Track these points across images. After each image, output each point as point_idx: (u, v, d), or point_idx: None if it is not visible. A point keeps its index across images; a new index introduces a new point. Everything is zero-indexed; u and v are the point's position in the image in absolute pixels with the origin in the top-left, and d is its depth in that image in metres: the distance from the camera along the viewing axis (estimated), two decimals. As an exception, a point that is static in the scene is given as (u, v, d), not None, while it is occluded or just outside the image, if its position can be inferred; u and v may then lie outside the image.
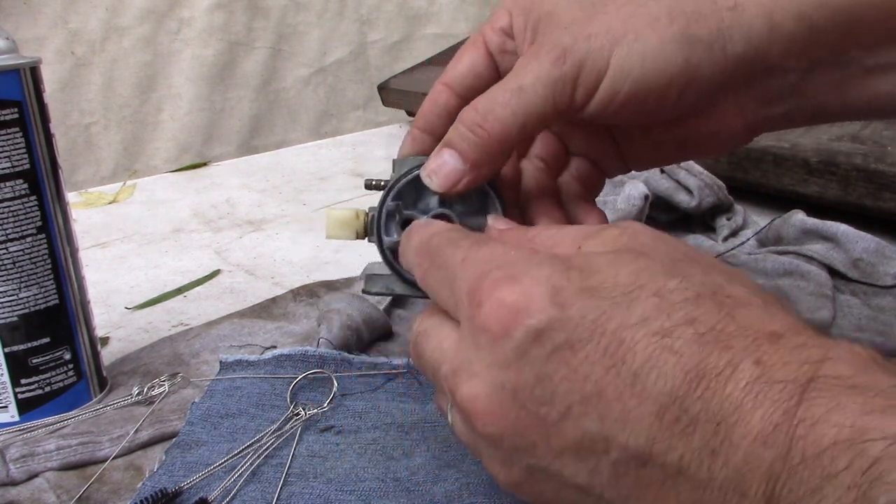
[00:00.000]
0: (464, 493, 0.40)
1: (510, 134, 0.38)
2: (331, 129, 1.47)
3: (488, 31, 0.43)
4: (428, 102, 0.44)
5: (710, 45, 0.36)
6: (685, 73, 0.37)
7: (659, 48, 0.36)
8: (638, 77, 0.37)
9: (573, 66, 0.37)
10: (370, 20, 1.50)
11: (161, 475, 0.43)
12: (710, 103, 0.39)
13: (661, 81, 0.37)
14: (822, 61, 0.38)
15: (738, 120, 0.40)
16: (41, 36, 1.18)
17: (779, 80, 0.38)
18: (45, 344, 0.49)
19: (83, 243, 0.58)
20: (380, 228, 0.42)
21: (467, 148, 0.38)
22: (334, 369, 0.51)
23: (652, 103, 0.38)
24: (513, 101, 0.37)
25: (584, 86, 0.37)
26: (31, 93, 0.47)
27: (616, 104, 0.38)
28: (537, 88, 0.37)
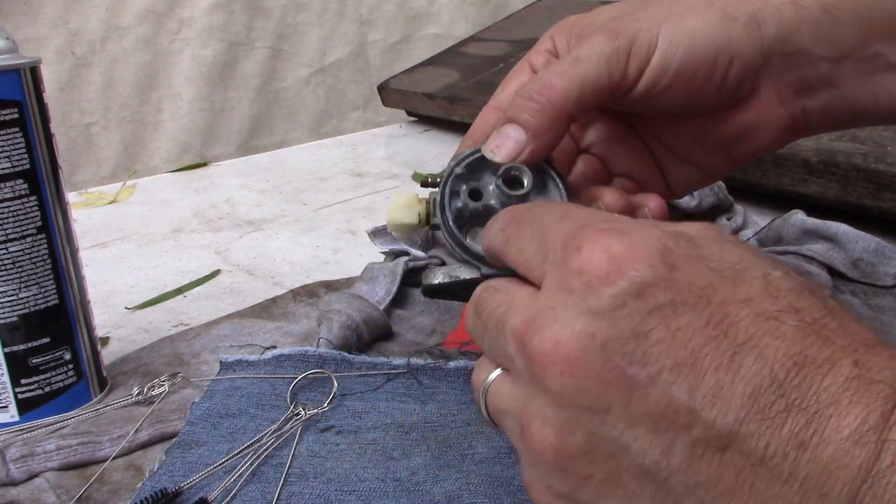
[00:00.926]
0: (464, 493, 0.40)
1: (569, 100, 0.39)
2: (331, 129, 1.47)
3: (533, 55, 0.45)
4: (477, 123, 0.45)
5: (748, 25, 0.39)
6: (728, 49, 0.39)
7: (703, 26, 0.39)
8: (687, 49, 0.39)
9: (626, 41, 0.39)
10: (370, 20, 1.50)
11: (161, 475, 0.43)
12: (750, 88, 0.41)
13: (708, 55, 0.39)
14: (848, 53, 0.40)
15: (779, 110, 0.41)
16: (41, 36, 1.18)
17: (812, 68, 0.40)
18: (45, 344, 0.49)
19: (83, 243, 0.58)
20: (444, 207, 0.40)
21: (527, 118, 0.39)
22: (334, 369, 0.51)
23: (700, 79, 0.39)
24: (570, 70, 0.39)
25: (637, 58, 0.39)
26: (31, 93, 0.47)
27: (667, 78, 0.39)
28: (592, 58, 0.39)
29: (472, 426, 0.46)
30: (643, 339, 0.25)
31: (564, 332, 0.26)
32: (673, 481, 0.25)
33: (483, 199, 0.40)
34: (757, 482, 0.24)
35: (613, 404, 0.26)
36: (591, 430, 0.26)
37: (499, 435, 0.45)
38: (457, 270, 0.41)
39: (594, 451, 0.26)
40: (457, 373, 0.51)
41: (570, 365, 0.26)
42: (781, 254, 0.64)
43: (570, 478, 0.27)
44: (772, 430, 0.24)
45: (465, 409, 0.48)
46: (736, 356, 0.24)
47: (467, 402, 0.48)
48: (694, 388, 0.25)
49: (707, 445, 0.24)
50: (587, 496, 0.27)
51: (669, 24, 0.39)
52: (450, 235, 0.40)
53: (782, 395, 0.24)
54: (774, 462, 0.24)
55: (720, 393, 0.24)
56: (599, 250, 0.27)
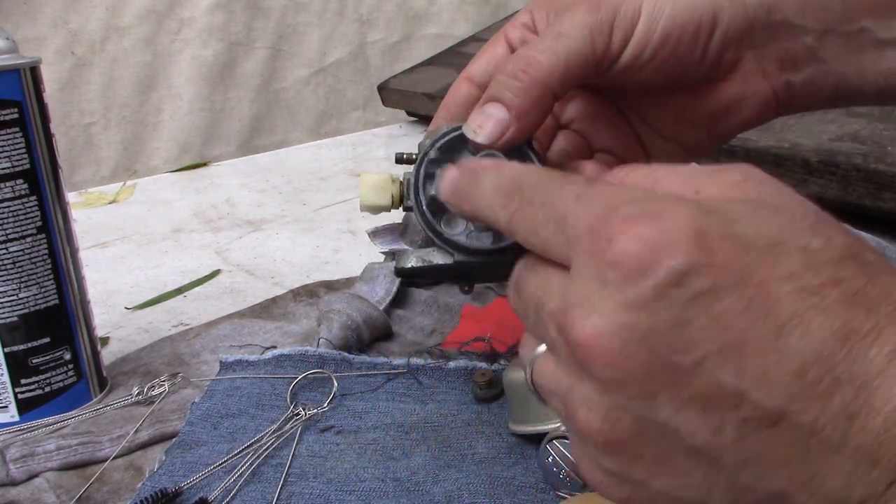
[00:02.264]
0: (464, 493, 0.40)
1: (553, 77, 0.38)
2: (331, 129, 1.47)
3: (510, 28, 0.44)
4: (450, 95, 0.44)
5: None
6: (711, 15, 0.39)
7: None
8: (669, 16, 0.39)
9: (608, 12, 0.39)
10: (370, 20, 1.50)
11: (161, 475, 0.43)
12: (733, 60, 0.41)
13: (691, 21, 0.39)
14: (834, 27, 0.39)
15: (762, 83, 0.41)
16: (41, 36, 1.18)
17: (797, 41, 0.40)
18: (45, 344, 0.49)
19: (83, 243, 0.58)
20: (417, 190, 0.39)
21: (511, 96, 0.38)
22: (334, 369, 0.51)
23: (685, 47, 0.39)
24: (553, 45, 0.38)
25: (621, 28, 0.39)
26: (31, 93, 0.47)
27: (651, 48, 0.39)
28: (575, 32, 0.38)
29: (472, 426, 0.46)
30: (686, 327, 0.25)
31: (604, 323, 0.26)
32: (725, 458, 0.25)
33: None
34: (808, 454, 0.24)
35: (660, 391, 0.26)
36: (638, 415, 0.26)
37: (499, 435, 0.45)
38: (430, 255, 0.40)
39: (643, 435, 0.26)
40: (457, 373, 0.51)
41: (614, 356, 0.26)
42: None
43: (621, 458, 0.27)
44: (821, 405, 0.24)
45: (465, 409, 0.48)
46: (781, 335, 0.24)
47: (467, 402, 0.48)
48: (740, 370, 0.24)
49: (757, 423, 0.24)
50: (638, 475, 0.27)
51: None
52: (423, 221, 0.39)
53: (829, 369, 0.24)
54: (825, 434, 0.24)
55: (766, 373, 0.24)
56: (632, 241, 0.26)
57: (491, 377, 0.48)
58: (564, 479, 0.39)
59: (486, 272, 0.41)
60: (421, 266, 0.40)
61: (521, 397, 0.43)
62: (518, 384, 0.43)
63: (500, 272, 0.41)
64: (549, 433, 0.40)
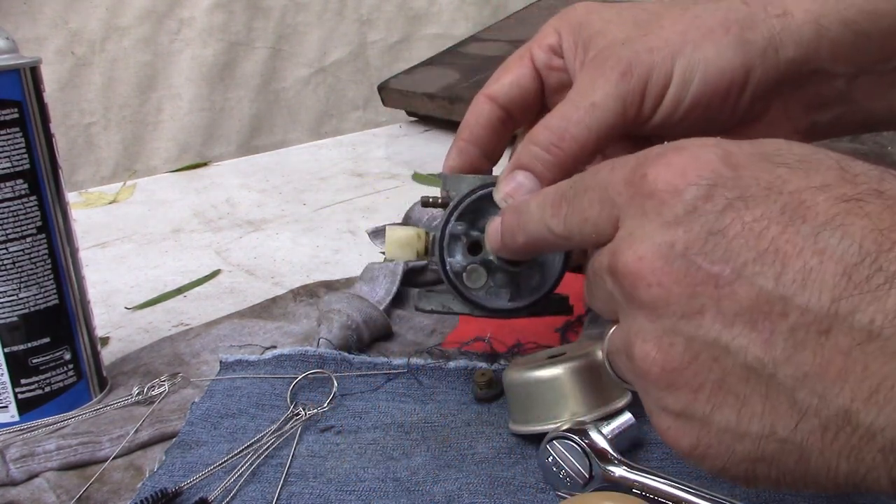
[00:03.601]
0: (464, 493, 0.40)
1: (585, 150, 0.38)
2: (331, 129, 1.47)
3: (535, 48, 0.44)
4: (471, 114, 0.44)
5: (764, 50, 0.38)
6: (743, 76, 0.38)
7: (717, 55, 0.38)
8: (700, 82, 0.38)
9: (640, 79, 0.38)
10: (370, 20, 1.50)
11: (161, 475, 0.43)
12: (761, 109, 0.40)
13: (722, 85, 0.38)
14: (868, 67, 0.39)
15: (786, 126, 0.41)
16: (41, 36, 1.18)
17: (828, 85, 0.39)
18: (45, 344, 0.49)
19: (83, 243, 0.58)
20: (442, 250, 0.41)
21: (543, 169, 0.39)
22: (334, 369, 0.51)
23: (715, 108, 0.39)
24: (587, 118, 0.38)
25: (652, 96, 0.38)
26: (31, 93, 0.47)
27: (682, 111, 0.39)
28: (608, 103, 0.38)
29: (472, 426, 0.46)
30: (721, 237, 0.25)
31: (645, 247, 0.27)
32: (780, 375, 0.24)
33: (482, 254, 0.41)
34: (870, 362, 0.23)
35: (706, 305, 0.25)
36: (689, 336, 0.26)
37: (499, 435, 0.45)
38: (450, 302, 0.43)
39: (696, 358, 0.26)
40: (457, 373, 0.51)
41: (657, 275, 0.26)
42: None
43: (681, 392, 0.27)
44: (875, 305, 0.23)
45: (465, 409, 0.48)
46: (820, 237, 0.24)
47: (467, 402, 0.48)
48: (780, 274, 0.24)
49: (808, 331, 0.24)
50: (701, 409, 0.26)
51: (684, 57, 0.38)
52: (447, 281, 0.42)
53: (879, 268, 0.23)
54: (885, 337, 0.22)
55: (809, 275, 0.24)
56: (663, 168, 0.27)
57: (491, 377, 0.48)
58: (564, 479, 0.39)
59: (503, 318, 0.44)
60: (441, 311, 0.43)
61: (522, 397, 0.43)
62: (518, 384, 0.43)
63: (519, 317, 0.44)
64: (549, 433, 0.40)
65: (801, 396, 0.24)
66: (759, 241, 0.25)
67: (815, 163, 0.26)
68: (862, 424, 0.23)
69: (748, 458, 0.26)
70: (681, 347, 0.26)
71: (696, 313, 0.26)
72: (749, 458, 0.26)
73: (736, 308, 0.25)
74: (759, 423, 0.25)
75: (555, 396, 0.42)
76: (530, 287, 0.43)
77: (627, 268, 0.27)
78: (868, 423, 0.23)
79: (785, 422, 0.25)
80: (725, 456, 0.26)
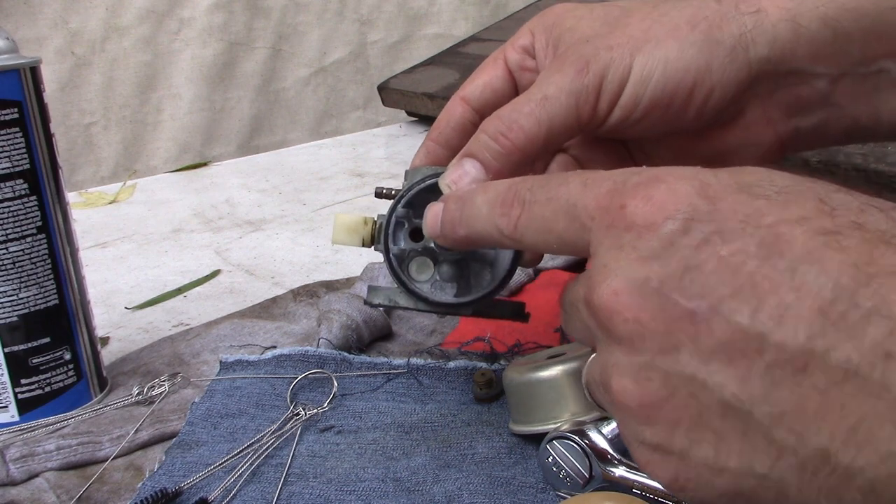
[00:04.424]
0: (464, 493, 0.40)
1: (534, 143, 0.38)
2: (331, 129, 1.47)
3: (509, 49, 0.43)
4: (444, 115, 0.44)
5: (733, 49, 0.37)
6: (708, 78, 0.37)
7: (679, 53, 0.37)
8: (659, 82, 0.37)
9: (596, 76, 0.38)
10: (370, 20, 1.50)
11: (161, 475, 0.43)
12: (736, 111, 0.39)
13: (684, 86, 0.37)
14: (850, 69, 0.38)
15: (767, 131, 0.40)
16: (41, 36, 1.18)
17: (808, 86, 0.38)
18: (45, 344, 0.49)
19: (83, 243, 0.58)
20: (387, 237, 0.41)
21: (490, 158, 0.38)
22: (334, 369, 0.51)
23: (676, 109, 0.38)
24: (537, 111, 0.38)
25: (608, 94, 0.38)
26: (31, 93, 0.47)
27: (639, 111, 0.38)
28: (561, 98, 0.38)
29: (472, 426, 0.46)
30: (697, 272, 0.25)
31: (620, 281, 0.26)
32: (757, 413, 0.24)
33: (422, 242, 0.41)
34: (847, 400, 0.22)
35: (682, 341, 0.25)
36: (666, 372, 0.26)
37: (499, 435, 0.45)
38: (396, 296, 0.43)
39: (674, 394, 0.26)
40: (457, 373, 0.51)
41: (633, 311, 0.26)
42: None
43: (659, 426, 0.26)
44: (852, 343, 0.22)
45: (465, 409, 0.48)
46: (797, 273, 0.23)
47: (467, 402, 0.48)
48: (756, 310, 0.23)
49: (784, 368, 0.23)
50: (679, 443, 0.26)
51: (643, 54, 0.37)
52: (390, 270, 0.42)
53: (856, 304, 0.22)
54: (862, 375, 0.22)
55: (785, 312, 0.23)
56: (641, 202, 0.26)
57: (491, 377, 0.48)
58: (564, 479, 0.39)
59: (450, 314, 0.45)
60: (388, 305, 0.43)
61: (522, 397, 0.43)
62: (518, 384, 0.43)
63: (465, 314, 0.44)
64: (549, 433, 0.40)
65: (779, 435, 0.24)
66: (736, 277, 0.24)
67: (795, 194, 0.25)
68: (841, 464, 0.23)
69: (728, 493, 0.26)
70: (658, 383, 0.26)
71: (672, 349, 0.25)
72: (728, 492, 0.26)
73: (712, 344, 0.24)
74: (737, 460, 0.25)
75: (555, 396, 0.42)
76: (480, 284, 0.43)
77: (603, 302, 0.27)
78: (847, 463, 0.22)
79: (762, 459, 0.24)
80: (705, 490, 0.26)
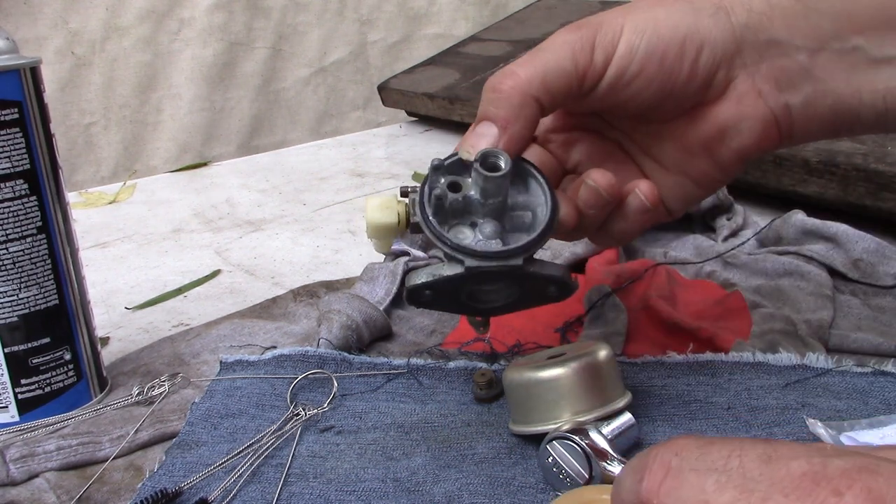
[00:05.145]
0: (464, 493, 0.40)
1: (532, 85, 0.39)
2: (331, 129, 1.47)
3: None
4: None
5: (715, 14, 0.39)
6: (696, 35, 0.39)
7: (667, 15, 0.40)
8: (652, 34, 0.39)
9: (590, 30, 0.40)
10: (370, 20, 1.50)
11: (161, 475, 0.43)
12: (726, 77, 0.40)
13: (675, 40, 0.39)
14: (826, 44, 0.39)
15: (758, 104, 0.41)
16: (41, 36, 1.18)
17: (789, 58, 0.40)
18: (45, 344, 0.49)
19: (83, 243, 0.58)
20: (423, 203, 0.39)
21: (494, 110, 0.39)
22: (334, 369, 0.51)
23: (669, 63, 0.39)
24: (531, 59, 0.40)
25: (603, 44, 0.40)
26: (31, 93, 0.47)
27: (636, 64, 0.39)
28: (556, 48, 0.39)
29: (472, 426, 0.46)
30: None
31: None
32: None
33: (462, 191, 0.40)
34: None
35: None
36: None
37: (499, 435, 0.45)
38: (439, 269, 0.39)
39: None
40: (457, 373, 0.51)
41: None
42: (781, 254, 0.64)
43: None
44: None
45: (465, 409, 0.48)
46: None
47: (467, 403, 0.48)
48: None
49: None
50: None
51: (633, 16, 0.40)
52: (432, 232, 0.39)
53: None
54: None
55: None
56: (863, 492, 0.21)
57: (491, 377, 0.48)
58: (564, 480, 0.39)
59: (497, 283, 0.41)
60: (432, 280, 0.39)
61: (522, 398, 0.43)
62: (518, 384, 0.43)
63: (512, 284, 0.41)
64: (549, 433, 0.40)
65: None
66: None
67: None
68: None
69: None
70: None
71: None
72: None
73: None
74: None
75: (555, 397, 0.42)
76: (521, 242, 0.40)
77: None
78: None
79: None
80: None
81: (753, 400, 0.46)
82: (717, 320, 0.56)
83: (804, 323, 0.54)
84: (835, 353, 0.50)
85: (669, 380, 0.48)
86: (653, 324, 0.56)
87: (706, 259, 0.66)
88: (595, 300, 0.58)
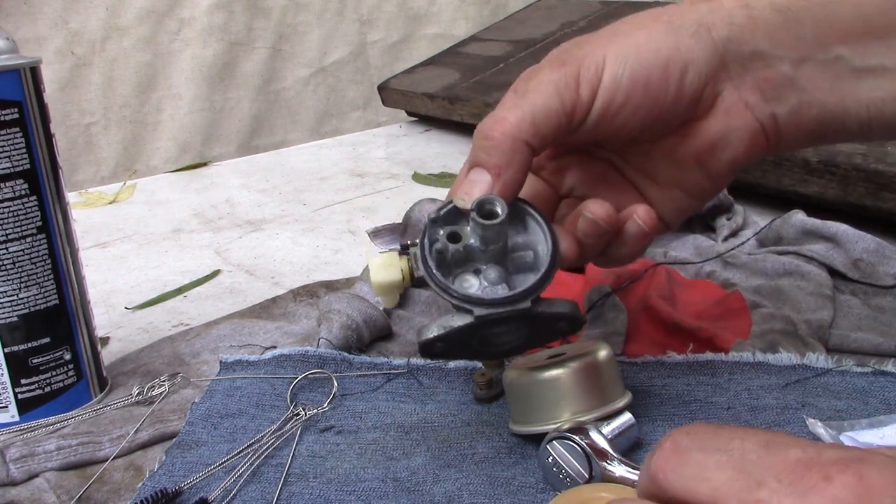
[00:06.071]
0: (464, 493, 0.40)
1: (522, 129, 0.39)
2: (331, 129, 1.47)
3: None
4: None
5: (696, 31, 0.40)
6: (679, 56, 0.39)
7: (647, 39, 0.40)
8: (634, 62, 0.39)
9: (573, 66, 0.40)
10: (370, 20, 1.50)
11: (161, 475, 0.43)
12: (713, 94, 0.40)
13: (658, 63, 0.39)
14: (809, 54, 0.39)
15: (746, 115, 0.41)
16: (41, 36, 1.18)
17: (773, 69, 0.40)
18: (45, 344, 0.49)
19: (83, 243, 0.58)
20: (426, 257, 0.40)
21: (486, 157, 0.39)
22: (334, 369, 0.51)
23: (655, 87, 0.39)
24: (519, 101, 0.39)
25: (587, 79, 0.39)
26: (31, 93, 0.47)
27: (622, 93, 0.39)
28: (541, 88, 0.39)
29: (472, 426, 0.46)
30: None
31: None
32: None
33: (462, 241, 0.40)
34: None
35: None
36: None
37: (499, 435, 0.45)
38: (449, 320, 0.40)
39: None
40: (457, 373, 0.51)
41: None
42: (781, 254, 0.64)
43: None
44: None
45: (465, 409, 0.48)
46: None
47: (467, 403, 0.48)
48: None
49: None
50: None
51: (615, 44, 0.40)
52: (434, 282, 0.40)
53: None
54: None
55: None
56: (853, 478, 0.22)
57: (491, 377, 0.48)
58: (564, 479, 0.39)
59: (507, 326, 0.41)
60: (443, 333, 0.39)
61: (522, 398, 0.43)
62: (518, 384, 0.43)
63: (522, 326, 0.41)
64: (550, 433, 0.40)
65: None
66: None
67: None
68: None
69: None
70: None
71: None
72: None
73: None
74: None
75: (555, 397, 0.42)
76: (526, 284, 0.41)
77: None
78: None
79: None
80: None
81: (753, 400, 0.46)
82: (717, 320, 0.56)
83: (804, 323, 0.54)
84: (835, 353, 0.50)
85: (669, 380, 0.48)
86: (653, 324, 0.56)
87: (706, 259, 0.66)
88: (595, 300, 0.58)
